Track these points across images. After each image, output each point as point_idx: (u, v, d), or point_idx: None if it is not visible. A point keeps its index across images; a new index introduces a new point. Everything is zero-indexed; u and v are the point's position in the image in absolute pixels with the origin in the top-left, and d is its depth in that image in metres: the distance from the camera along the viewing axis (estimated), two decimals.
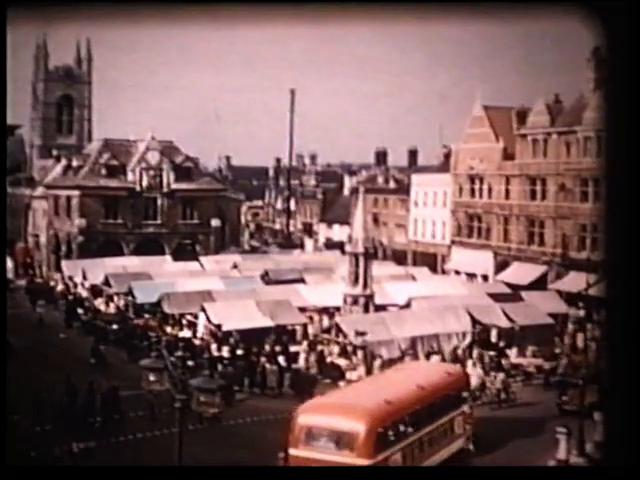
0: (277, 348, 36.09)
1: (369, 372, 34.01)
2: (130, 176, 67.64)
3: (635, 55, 8.86)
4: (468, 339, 37.56)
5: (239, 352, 35.44)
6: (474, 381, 31.96)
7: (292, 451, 18.33)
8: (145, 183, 67.68)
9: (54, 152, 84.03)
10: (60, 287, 54.93)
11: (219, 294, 42.86)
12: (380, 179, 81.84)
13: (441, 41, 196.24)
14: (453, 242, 62.85)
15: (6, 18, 10.77)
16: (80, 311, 46.66)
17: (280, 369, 33.79)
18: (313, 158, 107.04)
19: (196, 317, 40.03)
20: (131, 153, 68.95)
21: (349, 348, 35.53)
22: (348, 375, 33.84)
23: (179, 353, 32.31)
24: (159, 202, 68.13)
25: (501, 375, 32.68)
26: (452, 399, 22.16)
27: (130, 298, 45.61)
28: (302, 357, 35.39)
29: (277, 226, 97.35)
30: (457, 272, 60.58)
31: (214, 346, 36.18)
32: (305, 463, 17.59)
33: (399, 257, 66.36)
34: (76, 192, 66.49)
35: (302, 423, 18.61)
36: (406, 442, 19.05)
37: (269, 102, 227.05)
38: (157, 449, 22.41)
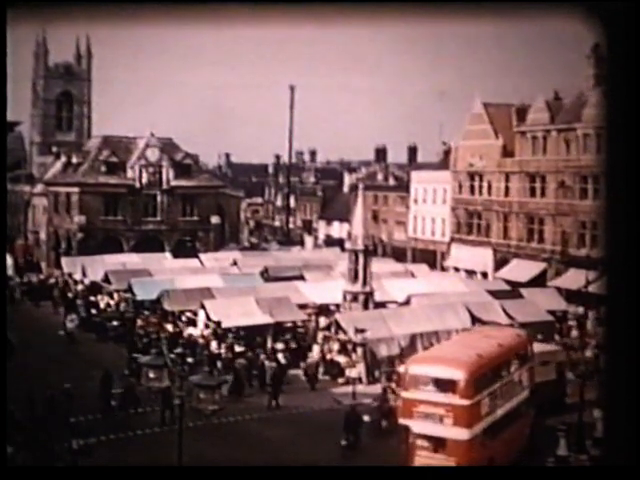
0: (277, 345, 36.19)
1: (369, 370, 34.06)
2: (130, 173, 67.60)
3: (635, 54, 8.88)
4: None
5: (238, 349, 35.45)
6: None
7: (404, 394, 22.50)
8: (145, 180, 67.64)
9: (54, 149, 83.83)
10: (60, 284, 54.89)
11: (219, 291, 42.82)
12: (380, 176, 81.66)
13: (441, 39, 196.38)
14: (452, 239, 62.87)
15: (6, 15, 10.78)
16: (79, 308, 46.65)
17: (280, 366, 33.76)
18: (313, 155, 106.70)
19: (196, 314, 40.02)
20: (130, 150, 68.88)
21: (348, 345, 35.55)
22: (347, 372, 33.87)
23: (179, 350, 32.50)
24: (159, 199, 68.10)
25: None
26: (521, 357, 25.69)
27: (130, 295, 45.61)
28: (316, 350, 35.69)
29: (277, 223, 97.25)
30: (456, 269, 60.63)
31: (214, 343, 36.16)
32: (414, 403, 21.79)
33: (399, 254, 66.32)
34: (76, 189, 66.45)
35: (412, 372, 22.48)
36: (492, 389, 22.61)
37: (269, 99, 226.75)
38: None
